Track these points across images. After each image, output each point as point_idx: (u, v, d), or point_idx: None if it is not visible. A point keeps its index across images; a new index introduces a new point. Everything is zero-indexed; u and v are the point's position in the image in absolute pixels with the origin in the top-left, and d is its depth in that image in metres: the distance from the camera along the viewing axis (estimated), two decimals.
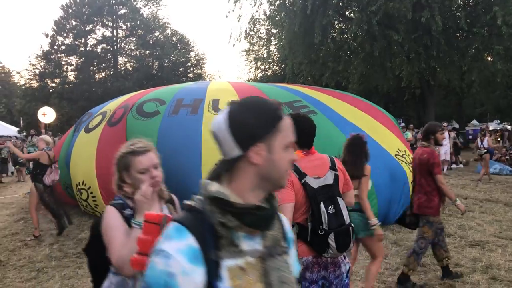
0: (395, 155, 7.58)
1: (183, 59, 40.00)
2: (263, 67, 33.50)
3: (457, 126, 28.06)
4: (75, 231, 6.88)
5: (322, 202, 2.49)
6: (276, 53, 28.73)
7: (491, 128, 19.94)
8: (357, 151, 3.86)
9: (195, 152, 6.74)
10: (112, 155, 7.36)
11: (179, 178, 6.60)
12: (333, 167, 2.64)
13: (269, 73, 33.42)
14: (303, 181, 2.55)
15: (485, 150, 12.06)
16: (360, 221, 3.74)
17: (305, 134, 2.67)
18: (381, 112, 9.17)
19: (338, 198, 2.54)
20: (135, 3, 39.43)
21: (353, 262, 4.36)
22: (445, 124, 14.11)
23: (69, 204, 8.75)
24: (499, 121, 32.67)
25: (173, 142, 6.99)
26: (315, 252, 2.53)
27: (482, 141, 12.30)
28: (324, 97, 8.76)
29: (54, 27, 36.97)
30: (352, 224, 2.58)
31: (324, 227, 2.46)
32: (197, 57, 42.41)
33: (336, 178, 2.61)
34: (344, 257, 2.67)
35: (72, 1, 37.05)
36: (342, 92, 10.38)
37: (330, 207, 2.50)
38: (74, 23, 37.16)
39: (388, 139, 7.93)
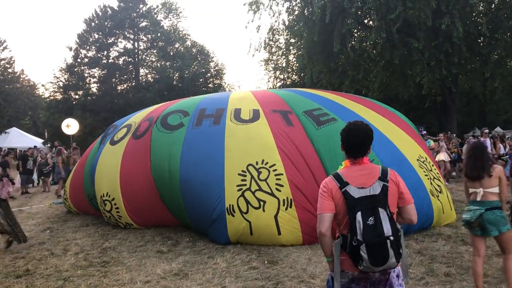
0: (417, 159, 7.52)
1: (203, 70, 40.37)
2: (282, 76, 33.59)
3: (479, 133, 27.58)
4: (99, 241, 6.99)
5: (360, 212, 2.40)
6: (295, 62, 28.79)
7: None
8: (478, 154, 4.30)
9: (219, 163, 6.81)
10: (136, 167, 7.59)
11: (203, 188, 6.68)
12: (383, 178, 2.52)
13: (288, 82, 33.47)
14: (343, 189, 2.48)
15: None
16: (502, 217, 4.12)
17: (353, 143, 2.61)
18: (402, 118, 9.11)
19: (380, 209, 2.41)
20: (155, 16, 40.12)
21: (481, 260, 4.37)
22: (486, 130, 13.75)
23: (92, 214, 8.93)
24: None
25: (197, 153, 7.09)
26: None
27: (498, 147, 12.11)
28: (345, 101, 8.74)
29: (77, 41, 37.82)
30: (392, 238, 2.37)
31: (358, 237, 2.37)
32: (216, 68, 42.83)
33: (384, 189, 2.48)
34: (398, 277, 2.54)
35: (94, 15, 37.90)
36: (363, 98, 10.33)
37: (370, 218, 2.38)
38: (96, 36, 37.94)
39: (409, 146, 7.88)
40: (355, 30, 19.87)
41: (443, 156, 13.60)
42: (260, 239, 6.34)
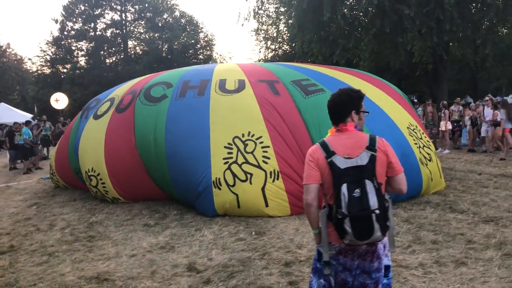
0: (407, 127, 7.48)
1: (193, 41, 39.84)
2: (273, 46, 33.14)
3: (471, 101, 27.57)
4: (86, 215, 6.92)
5: (346, 184, 2.30)
6: (286, 32, 28.36)
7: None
8: None
9: (204, 136, 6.71)
10: (120, 141, 7.47)
11: (189, 161, 6.60)
12: (370, 147, 2.41)
13: (279, 53, 33.06)
14: (329, 160, 2.39)
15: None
16: None
17: (333, 108, 2.54)
18: (393, 88, 9.03)
19: (367, 181, 2.31)
20: None
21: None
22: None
23: (80, 188, 8.84)
24: None
25: (182, 125, 6.97)
26: None
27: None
28: (334, 72, 8.63)
29: (63, 12, 37.07)
30: (378, 212, 2.29)
31: (343, 210, 2.29)
32: (206, 39, 42.20)
33: (372, 159, 2.37)
34: (384, 247, 2.47)
35: None
36: (353, 70, 10.22)
37: (357, 190, 2.29)
38: (82, 7, 37.21)
39: (400, 114, 7.83)
40: None
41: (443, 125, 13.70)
42: (247, 212, 6.30)
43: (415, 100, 18.06)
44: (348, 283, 2.44)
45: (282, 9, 22.99)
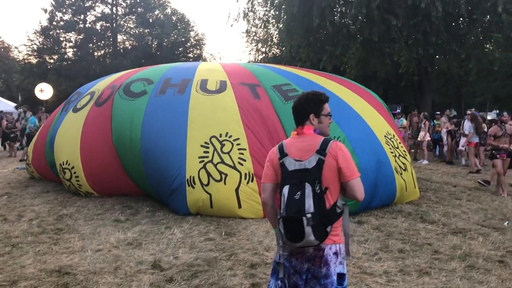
0: (384, 136, 7.52)
1: (183, 39, 39.67)
2: (263, 49, 33.14)
3: (455, 113, 27.89)
4: (57, 208, 6.83)
5: (288, 186, 2.32)
6: (276, 35, 28.42)
7: (489, 118, 19.79)
8: None
9: (181, 134, 6.69)
10: (97, 135, 7.37)
11: (164, 158, 6.56)
12: (320, 151, 2.37)
13: (269, 55, 33.07)
14: (281, 161, 2.42)
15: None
16: None
17: (295, 112, 2.56)
18: (373, 96, 9.09)
19: (307, 184, 2.29)
20: None
21: None
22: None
23: (54, 181, 8.72)
24: (497, 111, 32.50)
25: (159, 122, 6.93)
26: None
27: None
28: (317, 78, 8.65)
29: (53, 2, 36.60)
30: (309, 215, 2.24)
31: (281, 211, 2.33)
32: (197, 37, 42.05)
33: (320, 163, 2.34)
34: (336, 254, 2.40)
35: None
36: (336, 76, 10.27)
37: (298, 192, 2.28)
38: None
39: (378, 122, 7.87)
40: (336, 5, 19.61)
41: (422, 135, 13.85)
42: (220, 212, 6.28)
43: (398, 110, 18.24)
44: (299, 286, 2.42)
45: (272, 13, 23.02)
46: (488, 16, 16.16)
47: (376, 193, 6.68)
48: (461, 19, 18.29)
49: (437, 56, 18.90)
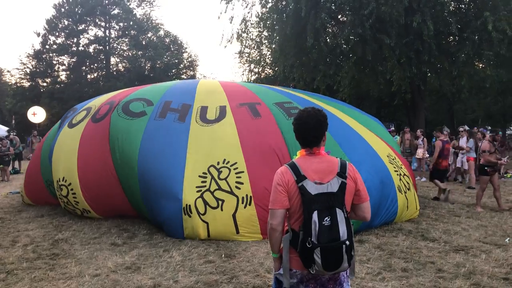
0: (387, 156, 7.55)
1: (176, 61, 39.89)
2: (256, 70, 33.36)
3: (448, 131, 28.04)
4: (52, 232, 6.69)
5: (316, 211, 2.22)
6: (269, 55, 28.67)
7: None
8: None
9: (179, 163, 6.58)
10: (94, 152, 7.26)
11: (160, 183, 6.46)
12: (341, 174, 2.33)
13: (262, 76, 33.27)
14: (300, 184, 2.29)
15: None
16: None
17: (306, 131, 2.40)
18: (372, 119, 9.18)
19: (338, 210, 2.24)
20: (128, 4, 39.32)
21: None
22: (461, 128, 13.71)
23: (50, 203, 8.58)
24: (489, 127, 32.78)
25: (158, 145, 6.87)
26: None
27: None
28: (317, 100, 8.70)
29: (46, 26, 36.78)
30: (348, 242, 2.24)
31: (312, 239, 2.21)
32: (190, 59, 42.31)
33: (342, 186, 2.30)
34: (347, 274, 2.42)
35: (64, 0, 36.85)
36: (333, 99, 10.38)
37: (326, 218, 2.21)
38: (66, 22, 36.98)
39: (379, 143, 7.89)
40: (329, 25, 19.83)
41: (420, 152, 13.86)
42: (218, 239, 6.15)
43: (392, 128, 18.28)
44: None
45: (266, 34, 23.23)
46: (478, 34, 16.37)
47: (378, 212, 6.64)
48: (451, 37, 18.55)
49: (429, 74, 19.07)
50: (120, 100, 7.90)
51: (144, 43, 38.57)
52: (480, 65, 19.25)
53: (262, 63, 31.00)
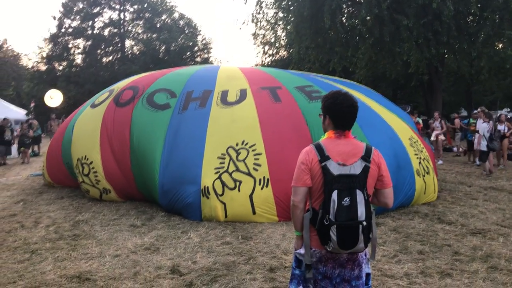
0: (409, 139, 7.53)
1: (190, 43, 39.72)
2: (270, 51, 33.11)
3: (465, 113, 27.67)
4: (73, 214, 6.85)
5: (336, 191, 2.26)
6: (284, 37, 28.40)
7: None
8: None
9: (198, 146, 6.68)
10: (117, 135, 7.43)
11: (182, 167, 6.56)
12: (365, 158, 2.37)
13: (276, 58, 33.03)
14: (323, 164, 2.33)
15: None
16: None
17: (341, 114, 2.43)
18: (394, 105, 9.17)
19: (358, 191, 2.28)
20: None
21: None
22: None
23: (69, 186, 8.76)
24: (509, 109, 32.19)
25: (181, 137, 6.94)
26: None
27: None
28: (338, 84, 8.66)
29: (62, 9, 36.85)
30: (365, 223, 2.27)
31: (330, 217, 2.25)
32: (204, 41, 42.10)
33: (365, 169, 2.35)
34: (366, 256, 2.47)
35: None
36: (354, 83, 10.34)
37: (346, 198, 2.25)
38: (81, 5, 36.98)
39: (401, 126, 7.86)
40: (345, 6, 19.53)
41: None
42: (234, 220, 6.25)
43: (408, 110, 18.08)
44: None
45: (281, 15, 22.96)
46: (499, 13, 15.96)
47: (394, 196, 6.62)
48: (471, 17, 18.11)
49: (447, 56, 18.73)
50: (144, 89, 7.95)
51: (158, 25, 38.46)
52: (500, 45, 18.79)
53: (277, 44, 30.75)
